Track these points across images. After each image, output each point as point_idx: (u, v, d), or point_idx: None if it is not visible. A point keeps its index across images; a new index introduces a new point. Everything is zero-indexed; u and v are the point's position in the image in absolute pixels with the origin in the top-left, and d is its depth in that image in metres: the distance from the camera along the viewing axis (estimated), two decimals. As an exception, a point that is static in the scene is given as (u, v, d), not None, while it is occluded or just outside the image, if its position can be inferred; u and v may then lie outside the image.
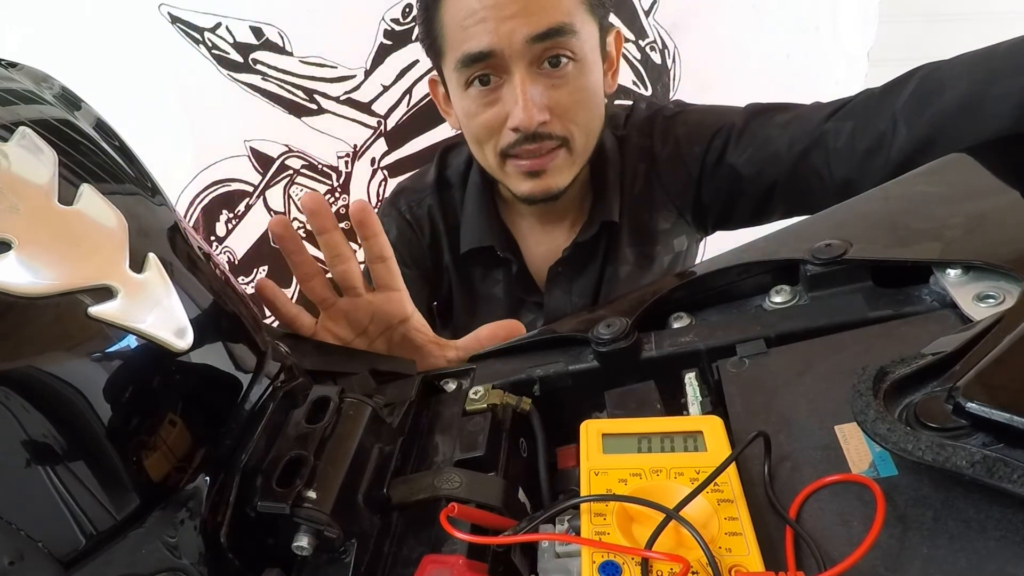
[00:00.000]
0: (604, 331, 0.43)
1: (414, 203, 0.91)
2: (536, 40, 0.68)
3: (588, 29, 0.72)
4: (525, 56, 0.69)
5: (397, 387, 0.48)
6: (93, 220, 0.30)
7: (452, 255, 0.90)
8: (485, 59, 0.69)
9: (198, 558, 0.31)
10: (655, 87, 1.32)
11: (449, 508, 0.31)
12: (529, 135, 0.72)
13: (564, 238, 0.86)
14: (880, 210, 0.49)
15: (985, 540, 0.25)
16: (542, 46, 0.69)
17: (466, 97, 0.74)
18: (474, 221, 0.87)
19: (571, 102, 0.72)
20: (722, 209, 0.83)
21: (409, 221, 0.91)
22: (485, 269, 0.90)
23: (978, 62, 0.58)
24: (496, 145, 0.75)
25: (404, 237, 0.90)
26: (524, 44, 0.68)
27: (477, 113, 0.74)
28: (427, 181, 0.92)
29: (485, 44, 0.68)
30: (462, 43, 0.70)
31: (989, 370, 0.26)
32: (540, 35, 0.68)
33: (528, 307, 0.89)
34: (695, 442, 0.34)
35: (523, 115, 0.70)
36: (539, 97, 0.70)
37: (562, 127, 0.73)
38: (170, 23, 1.15)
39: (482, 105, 0.73)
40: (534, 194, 0.77)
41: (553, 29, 0.68)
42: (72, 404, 0.28)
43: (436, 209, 0.90)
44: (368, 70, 1.23)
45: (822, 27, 1.33)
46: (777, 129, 0.75)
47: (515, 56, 0.69)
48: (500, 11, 0.67)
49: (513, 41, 0.68)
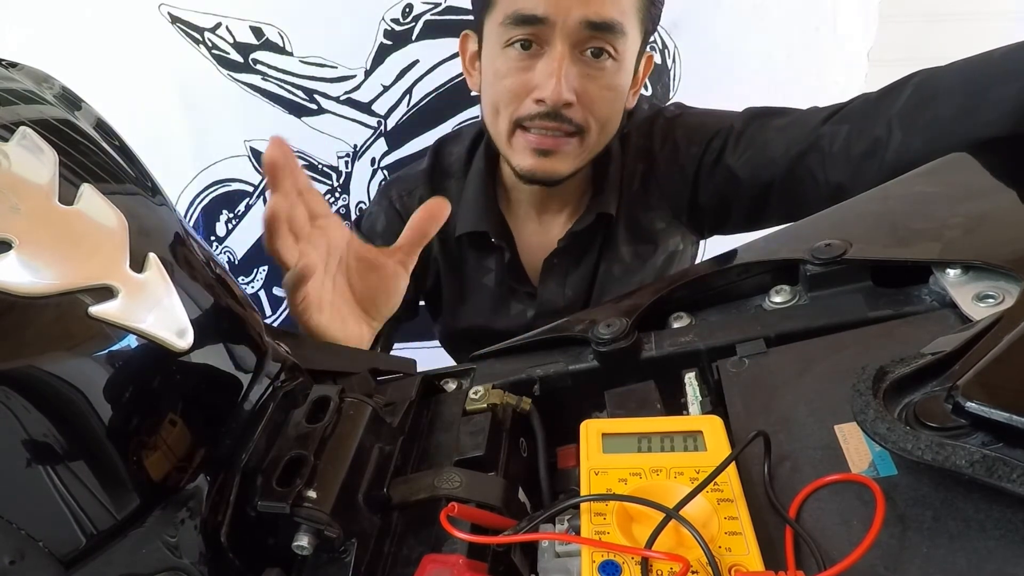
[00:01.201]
0: (604, 331, 0.43)
1: (405, 193, 0.91)
2: (589, 27, 0.69)
3: (634, 36, 0.73)
4: (573, 36, 0.69)
5: (397, 387, 0.48)
6: (93, 220, 0.30)
7: (442, 245, 0.90)
8: (535, 24, 0.69)
9: (198, 558, 0.31)
10: (655, 87, 1.32)
11: (449, 508, 0.32)
12: (550, 112, 0.72)
13: (559, 230, 0.86)
14: (880, 210, 0.49)
15: (985, 540, 0.25)
16: (591, 34, 0.69)
17: (501, 56, 0.74)
18: (471, 206, 0.86)
19: (599, 96, 0.73)
20: (718, 212, 0.83)
21: (399, 211, 0.90)
22: (477, 256, 0.89)
23: (974, 68, 0.58)
24: (513, 113, 0.74)
25: (393, 227, 0.89)
26: (576, 24, 0.68)
27: (507, 75, 0.74)
28: (419, 171, 0.91)
29: (541, 9, 0.68)
30: (518, 0, 0.70)
31: (989, 370, 0.26)
32: (595, 23, 0.69)
33: (519, 297, 0.89)
34: (695, 442, 0.34)
35: (555, 88, 0.70)
36: (573, 79, 0.71)
37: (583, 116, 0.73)
38: (170, 23, 1.15)
39: (515, 69, 0.73)
40: (535, 172, 0.77)
41: (608, 23, 0.69)
42: (72, 404, 0.28)
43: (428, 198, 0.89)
44: (368, 70, 1.23)
45: (822, 27, 1.33)
46: (774, 133, 0.75)
47: (564, 32, 0.69)
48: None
49: (569, 17, 0.68)
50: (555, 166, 0.76)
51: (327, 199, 1.32)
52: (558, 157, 0.75)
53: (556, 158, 0.75)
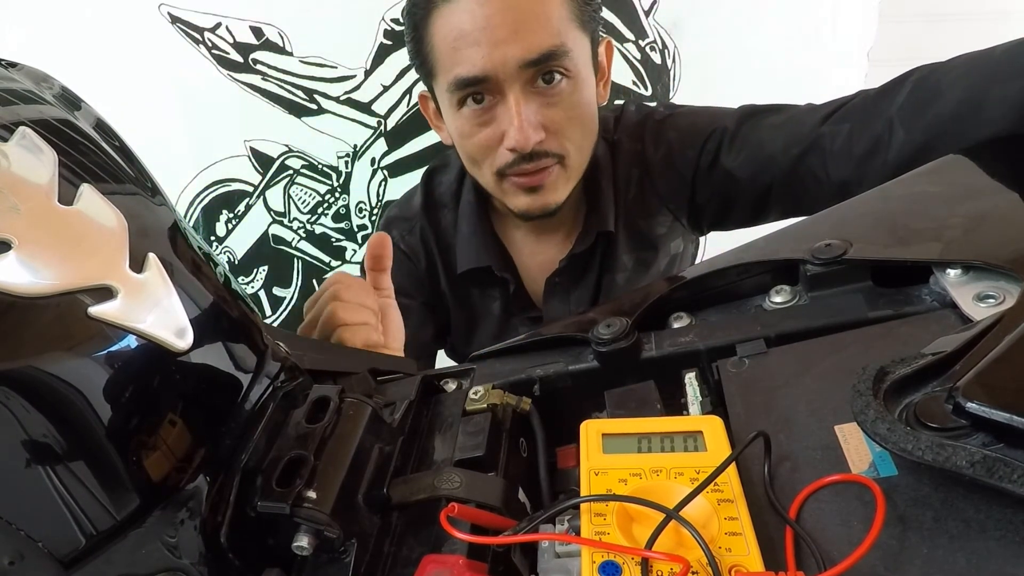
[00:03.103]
0: (604, 331, 0.43)
1: (406, 231, 0.90)
2: (530, 65, 0.68)
3: (580, 45, 0.72)
4: (519, 78, 0.68)
5: (397, 387, 0.48)
6: (93, 220, 0.30)
7: (447, 277, 0.90)
8: (479, 83, 0.69)
9: (198, 558, 0.31)
10: (655, 87, 1.32)
11: (449, 508, 0.31)
12: (526, 155, 0.72)
13: (560, 250, 0.86)
14: (880, 210, 0.49)
15: (985, 540, 0.25)
16: (536, 69, 0.69)
17: (460, 117, 0.74)
18: (469, 241, 0.86)
19: (566, 119, 0.72)
20: (717, 211, 0.83)
21: (404, 251, 0.90)
22: (482, 288, 0.89)
23: (975, 65, 0.58)
24: (493, 164, 0.75)
25: (403, 268, 0.89)
26: (517, 68, 0.68)
27: (472, 134, 0.74)
28: (415, 206, 0.91)
29: (479, 69, 0.68)
30: (454, 66, 0.69)
31: (989, 370, 0.26)
32: (534, 60, 0.68)
33: (524, 322, 0.89)
34: (695, 442, 0.34)
35: (519, 135, 0.69)
36: (534, 116, 0.70)
37: (558, 145, 0.73)
38: (170, 23, 1.15)
39: (476, 125, 0.73)
40: (531, 211, 0.77)
41: (546, 54, 0.68)
42: (72, 404, 0.28)
43: (428, 233, 0.89)
44: (368, 70, 1.23)
45: (822, 27, 1.33)
46: (771, 131, 0.75)
47: (509, 79, 0.68)
48: (492, 34, 0.66)
49: (507, 65, 0.67)
50: (547, 199, 0.76)
51: (327, 199, 1.32)
52: (547, 189, 0.75)
53: (546, 191, 0.75)
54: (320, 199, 1.32)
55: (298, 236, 1.33)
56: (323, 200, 1.32)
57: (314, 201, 1.32)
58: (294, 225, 1.32)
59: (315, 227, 1.33)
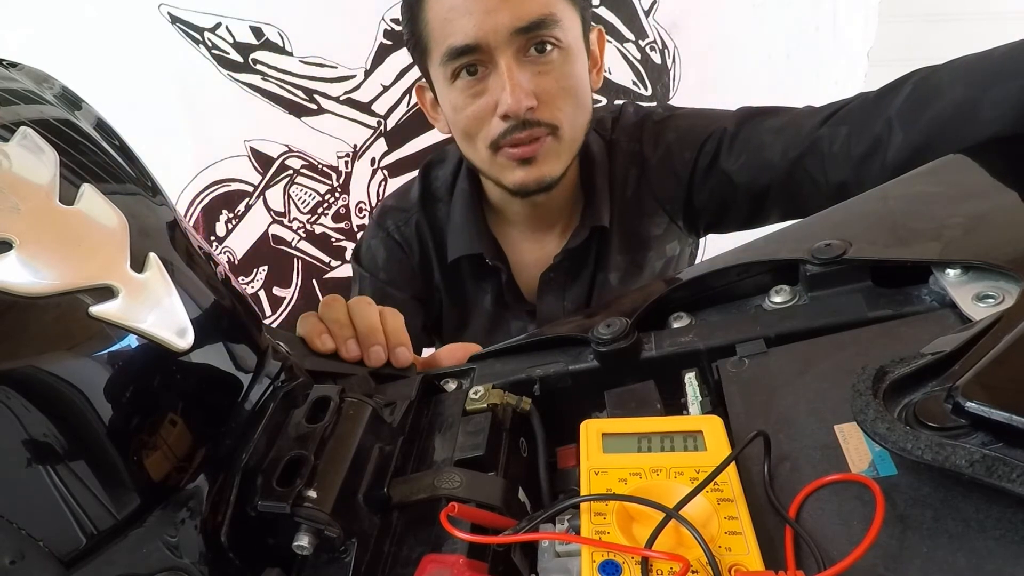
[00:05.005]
0: (604, 331, 0.43)
1: (401, 222, 0.90)
2: (522, 32, 0.69)
3: (570, 19, 0.73)
4: (511, 45, 0.69)
5: (397, 387, 0.48)
6: (94, 220, 0.30)
7: (441, 269, 0.90)
8: (471, 52, 0.70)
9: (198, 557, 0.31)
10: (655, 87, 1.32)
11: (449, 508, 0.32)
12: (518, 123, 0.72)
13: (554, 246, 0.86)
14: (879, 210, 0.49)
15: (985, 540, 0.25)
16: (527, 36, 0.69)
17: (453, 90, 0.74)
18: (461, 229, 0.86)
19: (558, 88, 0.73)
20: (714, 214, 0.83)
21: (398, 241, 0.90)
22: (474, 279, 0.89)
23: (974, 66, 0.58)
24: (486, 136, 0.74)
25: (394, 258, 0.90)
26: (509, 35, 0.69)
27: (465, 105, 0.74)
28: (412, 198, 0.91)
29: (471, 37, 0.69)
30: (447, 37, 0.70)
31: (988, 370, 0.26)
32: (525, 27, 0.68)
33: (518, 315, 0.89)
34: (695, 442, 0.34)
35: (511, 100, 0.70)
36: (526, 82, 0.70)
37: (550, 114, 0.73)
38: (170, 23, 1.15)
39: (470, 96, 0.73)
40: (527, 184, 0.76)
41: (537, 20, 0.69)
42: (73, 404, 0.28)
43: (424, 225, 0.89)
44: (368, 70, 1.23)
45: (822, 27, 1.33)
46: (770, 135, 0.75)
47: (500, 46, 0.69)
48: (483, 3, 0.67)
49: (498, 32, 0.68)
50: (542, 171, 0.76)
51: (327, 199, 1.32)
52: (541, 161, 0.75)
53: (541, 163, 0.75)
54: (320, 199, 1.32)
55: (298, 236, 1.33)
56: (323, 200, 1.32)
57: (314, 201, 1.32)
58: (294, 225, 1.32)
59: (315, 227, 1.34)
